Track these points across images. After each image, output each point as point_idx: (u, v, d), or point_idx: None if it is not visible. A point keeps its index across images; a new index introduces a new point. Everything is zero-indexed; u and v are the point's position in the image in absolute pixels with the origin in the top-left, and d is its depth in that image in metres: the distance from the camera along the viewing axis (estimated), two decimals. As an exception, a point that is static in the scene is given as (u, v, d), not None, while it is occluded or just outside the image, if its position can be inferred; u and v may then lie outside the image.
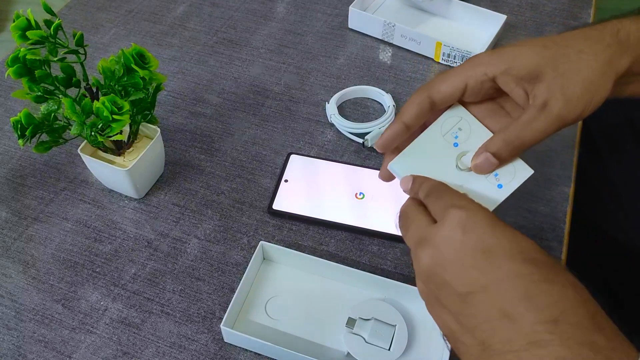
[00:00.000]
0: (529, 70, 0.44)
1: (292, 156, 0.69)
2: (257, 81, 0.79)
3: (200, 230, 0.63)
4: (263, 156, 0.70)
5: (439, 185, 0.44)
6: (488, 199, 0.45)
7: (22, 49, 0.55)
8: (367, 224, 0.62)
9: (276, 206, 0.64)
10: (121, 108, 0.55)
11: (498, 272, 0.37)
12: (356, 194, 0.65)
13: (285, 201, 0.64)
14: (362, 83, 0.78)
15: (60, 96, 0.58)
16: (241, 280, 0.55)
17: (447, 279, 0.38)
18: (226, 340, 0.55)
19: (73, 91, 0.59)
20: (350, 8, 0.84)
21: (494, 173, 0.46)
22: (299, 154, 0.69)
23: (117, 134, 0.55)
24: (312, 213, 0.63)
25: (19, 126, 0.56)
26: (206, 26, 0.88)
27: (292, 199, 0.65)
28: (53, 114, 0.58)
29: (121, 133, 0.56)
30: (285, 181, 0.66)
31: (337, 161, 0.68)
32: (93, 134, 0.56)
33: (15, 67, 0.55)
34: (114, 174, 0.62)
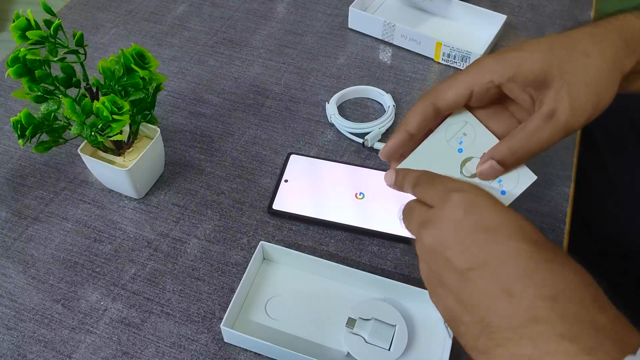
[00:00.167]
0: (535, 77, 0.44)
1: (292, 156, 0.69)
2: (257, 81, 0.79)
3: (200, 230, 0.63)
4: (263, 156, 0.70)
5: (425, 174, 0.45)
6: None
7: (22, 49, 0.55)
8: (367, 224, 0.62)
9: (276, 206, 0.64)
10: (121, 108, 0.55)
11: (498, 250, 0.37)
12: (356, 194, 0.65)
13: (285, 201, 0.64)
14: (362, 83, 0.78)
15: (60, 96, 0.58)
16: (241, 280, 0.55)
17: (448, 256, 0.39)
18: (226, 340, 0.55)
19: (73, 91, 0.59)
20: (350, 8, 0.84)
21: (497, 179, 0.46)
22: (299, 154, 0.69)
23: (117, 134, 0.55)
24: (312, 213, 0.63)
25: (19, 126, 0.56)
26: (206, 26, 0.88)
27: (292, 199, 0.65)
28: (53, 114, 0.58)
29: (121, 133, 0.56)
30: (285, 181, 0.66)
31: (337, 161, 0.68)
32: (93, 134, 0.56)
33: (15, 67, 0.55)
34: (114, 174, 0.62)
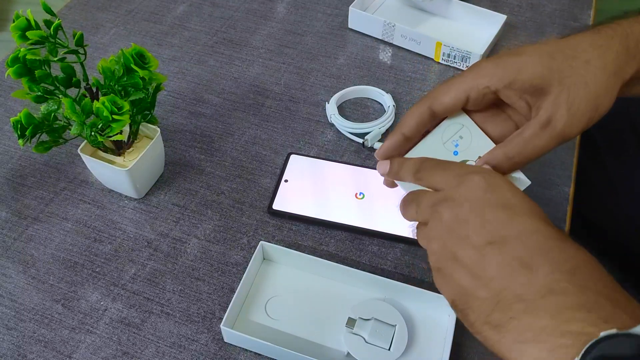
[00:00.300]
0: (532, 84, 0.44)
1: (292, 156, 0.69)
2: (257, 81, 0.79)
3: (200, 230, 0.63)
4: (263, 156, 0.70)
5: (430, 159, 0.45)
6: None
7: (22, 49, 0.55)
8: (367, 224, 0.62)
9: (276, 206, 0.64)
10: (121, 108, 0.55)
11: (517, 226, 0.39)
12: (356, 194, 0.65)
13: (285, 201, 0.64)
14: (362, 83, 0.78)
15: (60, 96, 0.58)
16: (241, 280, 0.55)
17: (467, 232, 0.39)
18: (226, 340, 0.55)
19: (73, 91, 0.59)
20: (350, 8, 0.84)
21: None
22: (299, 154, 0.69)
23: (117, 134, 0.55)
24: (312, 213, 0.63)
25: (19, 126, 0.56)
26: (206, 26, 0.88)
27: (292, 199, 0.65)
28: (53, 114, 0.58)
29: (121, 133, 0.56)
30: (285, 181, 0.66)
31: (337, 161, 0.68)
32: (93, 134, 0.56)
33: (15, 67, 0.55)
34: (114, 174, 0.62)
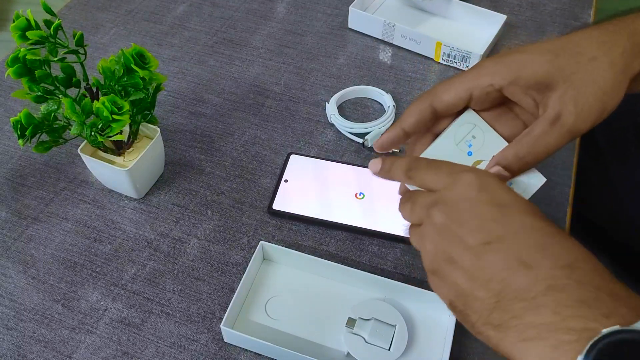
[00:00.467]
0: (537, 80, 0.43)
1: (292, 156, 0.69)
2: (257, 81, 0.79)
3: (200, 230, 0.63)
4: (263, 156, 0.70)
5: (421, 159, 0.45)
6: None
7: (22, 49, 0.55)
8: (367, 224, 0.62)
9: (276, 206, 0.64)
10: (121, 108, 0.55)
11: (513, 224, 0.38)
12: (356, 194, 0.65)
13: (285, 201, 0.64)
14: (362, 83, 0.78)
15: (60, 96, 0.58)
16: (241, 280, 0.55)
17: (462, 233, 0.38)
18: (226, 340, 0.55)
19: (73, 91, 0.59)
20: (350, 8, 0.84)
21: (507, 182, 0.45)
22: (299, 154, 0.69)
23: (117, 134, 0.55)
24: (312, 213, 0.63)
25: (19, 126, 0.56)
26: (206, 26, 0.88)
27: (292, 199, 0.65)
28: (53, 114, 0.58)
29: (121, 133, 0.56)
30: (285, 181, 0.66)
31: (337, 161, 0.68)
32: (93, 134, 0.56)
33: (15, 67, 0.55)
34: (114, 174, 0.62)
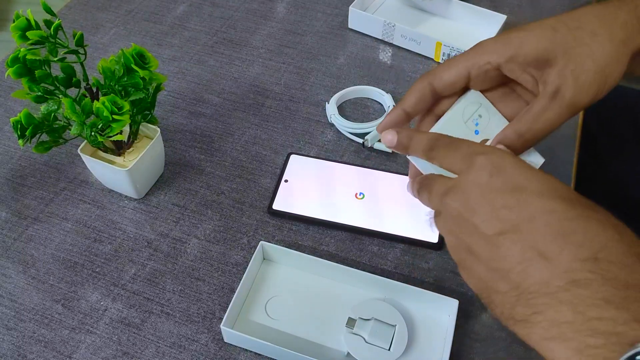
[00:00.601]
0: (536, 57, 0.43)
1: (292, 156, 0.69)
2: (257, 81, 0.79)
3: (200, 230, 0.63)
4: (263, 156, 0.70)
5: (443, 137, 0.42)
6: None
7: (22, 49, 0.55)
8: (367, 224, 0.62)
9: (276, 206, 0.64)
10: (121, 108, 0.55)
11: (529, 210, 0.35)
12: (356, 194, 0.65)
13: (285, 201, 0.64)
14: (362, 83, 0.78)
15: (60, 96, 0.58)
16: (241, 280, 0.55)
17: (476, 222, 0.37)
18: (226, 340, 0.55)
19: (73, 91, 0.59)
20: (350, 8, 0.84)
21: None
22: (299, 154, 0.69)
23: (117, 134, 0.55)
24: (312, 213, 0.63)
25: (19, 126, 0.56)
26: (206, 26, 0.88)
27: (292, 199, 0.65)
28: (53, 114, 0.58)
29: (121, 133, 0.56)
30: (285, 181, 0.66)
31: (337, 161, 0.68)
32: (93, 134, 0.56)
33: (15, 67, 0.55)
34: (114, 174, 0.62)
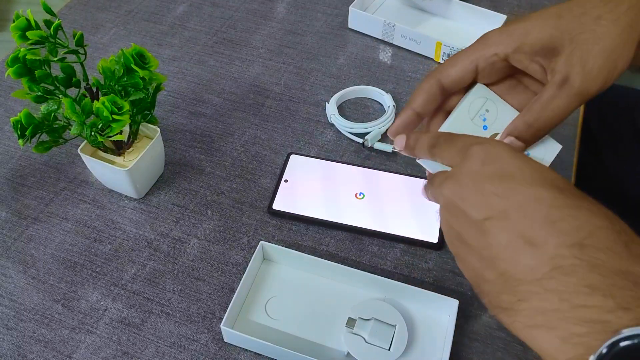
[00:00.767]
0: (542, 45, 0.42)
1: (292, 156, 0.69)
2: (257, 81, 0.79)
3: (200, 230, 0.63)
4: (263, 156, 0.70)
5: (444, 134, 0.43)
6: None
7: (22, 49, 0.55)
8: (367, 224, 0.62)
9: (276, 206, 0.64)
10: (121, 108, 0.55)
11: (517, 197, 0.35)
12: (356, 194, 0.65)
13: (285, 201, 0.64)
14: (362, 83, 0.78)
15: (60, 96, 0.58)
16: (241, 280, 0.55)
17: (465, 208, 0.37)
18: (226, 340, 0.55)
19: (73, 91, 0.59)
20: (350, 8, 0.84)
21: (525, 152, 0.45)
22: (299, 154, 0.69)
23: (117, 134, 0.55)
24: (312, 213, 0.63)
25: (19, 126, 0.56)
26: (206, 26, 0.88)
27: (292, 199, 0.65)
28: (53, 114, 0.58)
29: (121, 133, 0.56)
30: (285, 181, 0.66)
31: (337, 161, 0.68)
32: (93, 134, 0.56)
33: (15, 67, 0.55)
34: (114, 174, 0.62)
